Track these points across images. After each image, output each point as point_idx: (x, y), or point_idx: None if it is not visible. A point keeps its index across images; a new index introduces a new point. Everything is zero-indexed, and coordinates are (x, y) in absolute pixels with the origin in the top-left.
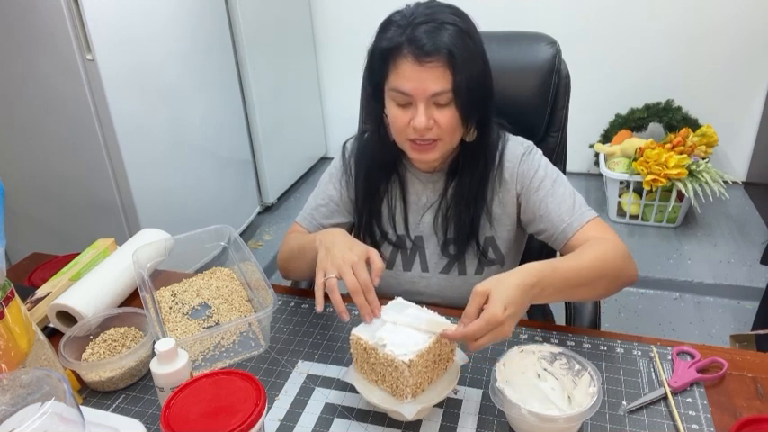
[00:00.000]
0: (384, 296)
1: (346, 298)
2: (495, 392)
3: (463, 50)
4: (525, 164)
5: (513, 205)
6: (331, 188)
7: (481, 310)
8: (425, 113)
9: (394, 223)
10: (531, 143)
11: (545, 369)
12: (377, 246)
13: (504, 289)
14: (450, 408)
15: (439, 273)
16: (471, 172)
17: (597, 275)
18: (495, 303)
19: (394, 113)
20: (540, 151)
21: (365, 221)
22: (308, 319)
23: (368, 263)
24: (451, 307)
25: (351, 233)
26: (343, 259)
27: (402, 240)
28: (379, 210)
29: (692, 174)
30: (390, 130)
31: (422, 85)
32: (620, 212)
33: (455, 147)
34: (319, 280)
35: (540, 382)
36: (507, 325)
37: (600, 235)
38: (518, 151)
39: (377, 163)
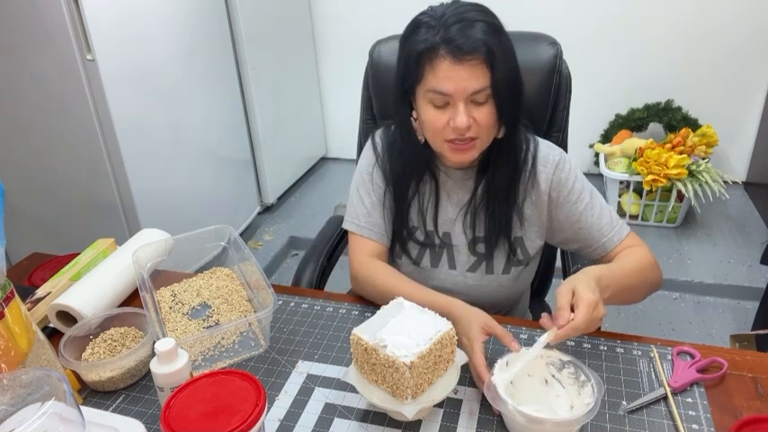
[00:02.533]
0: None
1: (345, 297)
2: (489, 387)
3: (498, 46)
4: (562, 172)
5: (544, 209)
6: (373, 186)
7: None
8: (465, 112)
9: (424, 220)
10: (560, 149)
11: (553, 376)
12: (404, 242)
13: (585, 279)
14: (450, 408)
15: (466, 271)
16: (503, 169)
17: (638, 281)
18: (585, 291)
19: (431, 115)
20: (571, 159)
21: (395, 217)
22: (308, 319)
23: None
24: (478, 305)
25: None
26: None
27: (430, 237)
28: (408, 207)
29: (692, 174)
30: (418, 134)
31: (461, 84)
32: (621, 212)
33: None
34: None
35: (547, 388)
36: (601, 305)
37: (634, 245)
38: (551, 157)
39: (409, 165)
